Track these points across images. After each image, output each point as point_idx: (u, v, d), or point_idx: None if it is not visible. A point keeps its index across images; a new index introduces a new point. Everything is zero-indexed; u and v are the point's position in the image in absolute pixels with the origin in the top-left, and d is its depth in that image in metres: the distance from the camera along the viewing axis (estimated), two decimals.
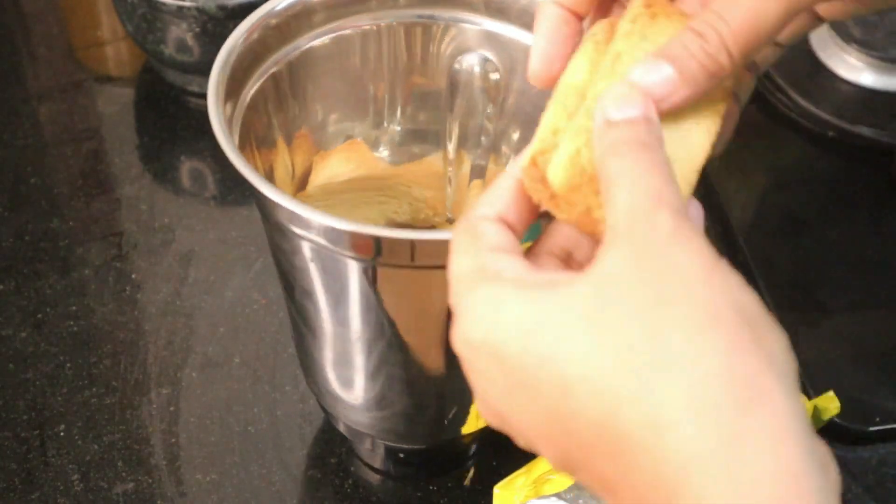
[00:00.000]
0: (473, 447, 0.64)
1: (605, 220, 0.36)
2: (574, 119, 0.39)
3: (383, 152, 0.62)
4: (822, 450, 0.33)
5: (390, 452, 0.63)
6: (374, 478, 0.64)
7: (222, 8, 0.78)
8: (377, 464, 0.64)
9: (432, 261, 0.47)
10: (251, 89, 0.54)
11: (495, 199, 0.40)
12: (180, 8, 0.78)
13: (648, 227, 0.35)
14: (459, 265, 0.38)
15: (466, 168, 0.61)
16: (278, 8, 0.54)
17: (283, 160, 0.58)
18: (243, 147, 0.52)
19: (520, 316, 0.35)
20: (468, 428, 0.59)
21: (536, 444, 0.36)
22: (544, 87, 0.44)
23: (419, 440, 0.61)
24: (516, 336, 0.35)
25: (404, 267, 0.48)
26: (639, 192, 0.36)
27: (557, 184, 0.38)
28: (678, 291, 0.34)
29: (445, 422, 0.58)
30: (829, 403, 0.64)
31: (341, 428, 0.62)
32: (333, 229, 0.46)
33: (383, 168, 0.62)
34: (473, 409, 0.58)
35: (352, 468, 0.65)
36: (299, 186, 0.60)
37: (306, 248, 0.49)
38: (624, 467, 0.33)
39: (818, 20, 0.51)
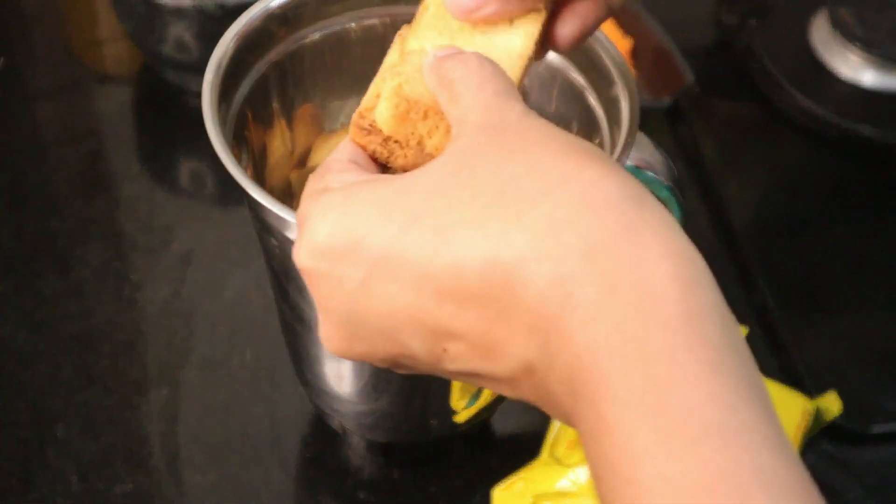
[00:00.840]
0: (470, 447, 0.63)
1: (452, 120, 0.37)
2: (393, 69, 0.42)
3: None
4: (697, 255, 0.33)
5: (389, 453, 0.63)
6: (374, 478, 0.64)
7: (221, 7, 0.78)
8: (376, 465, 0.64)
9: None
10: (255, 74, 0.54)
11: (342, 149, 0.41)
12: (179, 7, 0.78)
13: (499, 112, 0.36)
14: (306, 191, 0.38)
15: None
16: (280, 2, 0.54)
17: (282, 138, 0.58)
18: (240, 132, 0.52)
19: (372, 194, 0.35)
20: (461, 417, 0.59)
21: (402, 338, 0.35)
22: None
23: (410, 435, 0.61)
24: (372, 210, 0.34)
25: None
26: (485, 90, 0.37)
27: (385, 120, 0.40)
28: (542, 138, 0.34)
29: (436, 417, 0.58)
30: (831, 404, 0.64)
31: (335, 425, 0.62)
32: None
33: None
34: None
35: (351, 469, 0.64)
36: (298, 164, 0.60)
37: (280, 236, 0.49)
38: (509, 313, 0.32)
39: None
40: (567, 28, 0.43)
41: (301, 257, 0.36)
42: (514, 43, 0.42)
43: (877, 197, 0.79)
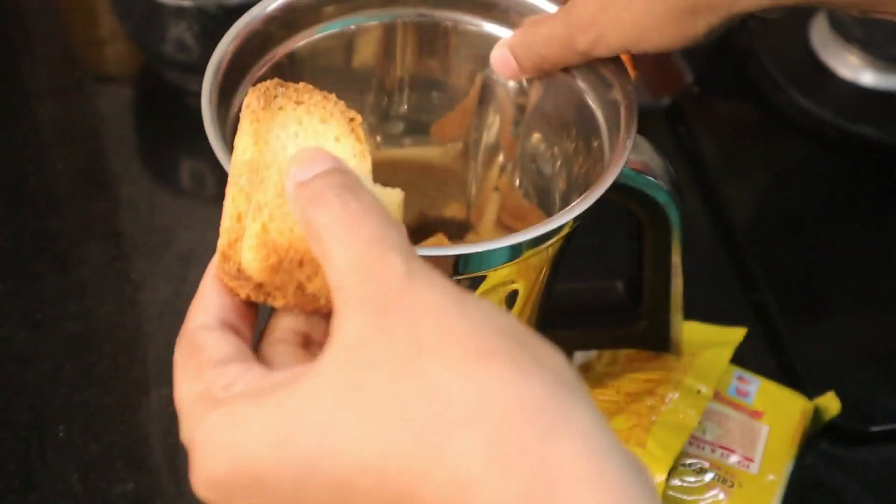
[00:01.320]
0: None
1: (330, 283, 0.32)
2: (252, 198, 0.37)
3: (383, 140, 0.62)
4: (633, 456, 0.30)
5: None
6: None
7: (222, 7, 0.78)
8: None
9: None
10: (254, 76, 0.54)
11: (208, 303, 0.37)
12: (180, 7, 0.78)
13: (378, 278, 0.31)
14: (183, 393, 0.34)
15: (492, 175, 0.60)
16: (271, 8, 0.54)
17: None
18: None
19: (266, 426, 0.31)
20: None
21: None
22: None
23: None
24: (270, 451, 0.31)
25: None
26: (357, 241, 0.32)
27: (254, 271, 0.36)
28: (433, 337, 0.30)
29: None
30: (830, 404, 0.64)
31: None
32: None
33: (386, 156, 0.62)
34: None
35: None
36: None
37: None
38: None
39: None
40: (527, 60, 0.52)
41: (202, 489, 0.33)
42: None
43: (877, 197, 0.79)
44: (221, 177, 0.85)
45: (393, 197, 0.39)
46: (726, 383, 0.64)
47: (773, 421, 0.62)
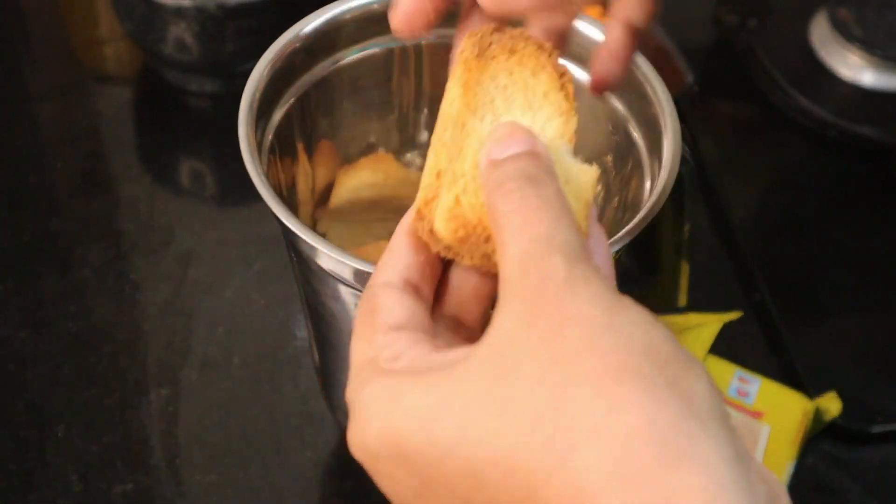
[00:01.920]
0: None
1: (499, 272, 0.33)
2: (452, 163, 0.37)
3: (410, 163, 0.62)
4: (763, 486, 0.30)
5: None
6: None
7: (222, 7, 0.78)
8: None
9: None
10: (281, 109, 0.54)
11: (394, 260, 0.37)
12: (179, 7, 0.78)
13: (539, 278, 0.32)
14: (356, 353, 0.36)
15: None
16: (305, 31, 0.54)
17: (304, 173, 0.58)
18: (270, 167, 0.52)
19: (417, 406, 0.32)
20: None
21: None
22: (403, 37, 0.45)
23: None
24: (417, 428, 0.32)
25: None
26: (527, 237, 0.33)
27: (445, 237, 0.36)
28: (577, 346, 0.30)
29: None
30: (831, 404, 0.64)
31: None
32: (363, 272, 0.45)
33: (414, 180, 0.62)
34: None
35: (351, 468, 0.64)
36: (319, 201, 0.60)
37: (334, 284, 0.49)
38: None
39: None
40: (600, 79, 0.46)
41: (355, 450, 0.35)
42: (581, 175, 0.38)
43: (877, 197, 0.79)
44: (221, 176, 0.85)
45: (588, 175, 0.38)
46: (726, 383, 0.64)
47: (773, 421, 0.62)
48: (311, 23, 0.54)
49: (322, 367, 0.59)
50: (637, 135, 0.54)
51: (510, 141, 0.35)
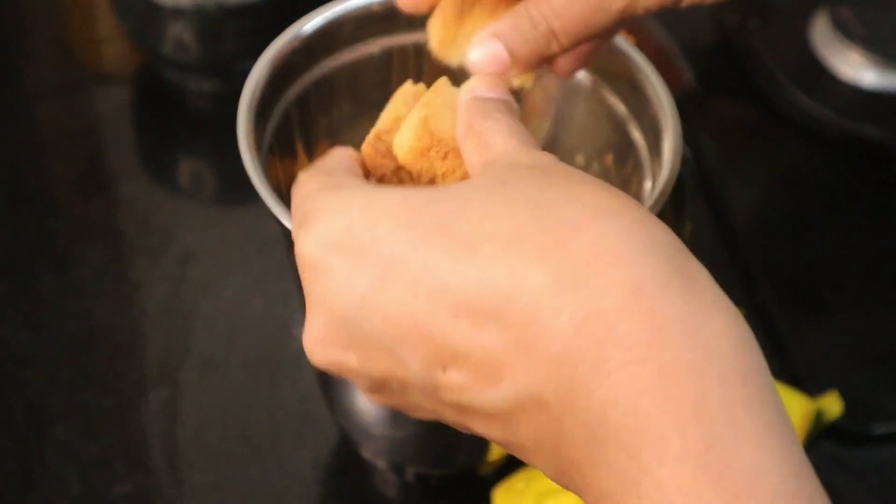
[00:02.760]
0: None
1: (473, 170, 0.37)
2: (421, 99, 0.41)
3: None
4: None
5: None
6: (374, 479, 0.64)
7: (221, 7, 0.78)
8: (377, 465, 0.64)
9: None
10: (280, 109, 0.54)
11: (337, 162, 0.40)
12: (179, 7, 0.78)
13: (531, 155, 0.35)
14: (307, 185, 0.36)
15: None
16: (305, 31, 0.54)
17: (303, 160, 0.58)
18: (269, 167, 0.52)
19: (402, 198, 0.33)
20: (493, 455, 0.59)
21: (403, 346, 0.32)
22: (408, 11, 0.47)
23: (440, 465, 0.61)
24: (400, 212, 0.32)
25: None
26: (514, 138, 0.36)
27: (404, 150, 0.40)
28: (580, 177, 0.33)
29: (467, 449, 0.59)
30: (832, 404, 0.64)
31: (365, 454, 0.62)
32: None
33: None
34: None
35: (351, 469, 0.64)
36: None
37: None
38: (535, 337, 0.29)
39: None
40: (568, 62, 0.46)
41: (308, 246, 0.33)
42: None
43: (877, 197, 0.79)
44: (221, 177, 0.85)
45: None
46: None
47: None
48: (310, 23, 0.54)
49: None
50: (637, 135, 0.54)
51: (496, 88, 0.40)
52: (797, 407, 0.63)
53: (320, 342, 0.34)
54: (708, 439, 0.27)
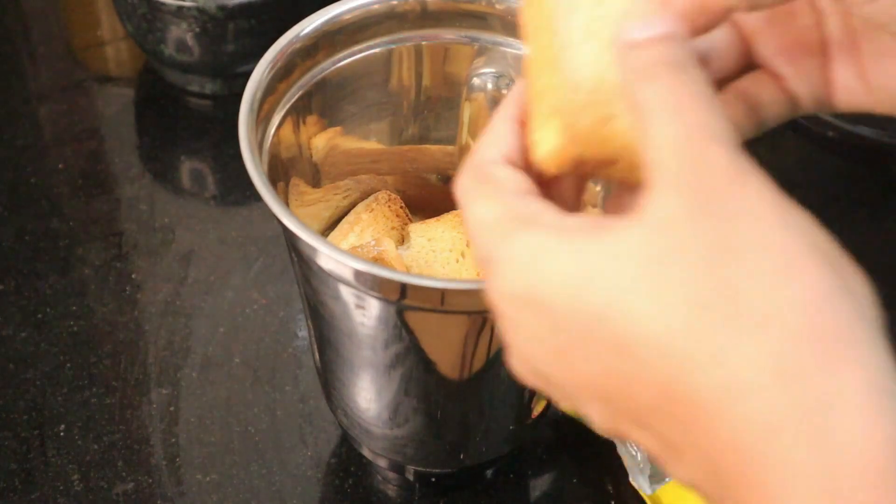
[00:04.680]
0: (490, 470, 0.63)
1: (646, 158, 0.32)
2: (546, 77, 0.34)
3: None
4: None
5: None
6: (374, 478, 0.64)
7: (222, 8, 0.78)
8: (377, 464, 0.64)
9: (459, 306, 0.47)
10: (281, 109, 0.54)
11: (497, 140, 0.36)
12: (180, 8, 0.78)
13: (701, 165, 0.31)
14: (485, 212, 0.34)
15: None
16: (306, 31, 0.54)
17: (302, 159, 0.58)
18: (272, 167, 0.52)
19: (568, 266, 0.31)
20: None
21: (585, 404, 0.33)
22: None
23: (440, 464, 0.61)
24: (566, 290, 0.31)
25: (430, 311, 0.48)
26: (683, 124, 0.31)
27: (549, 168, 0.35)
28: (749, 236, 0.30)
29: (467, 448, 0.59)
30: None
31: (366, 453, 0.62)
32: (363, 272, 0.46)
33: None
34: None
35: (351, 468, 0.64)
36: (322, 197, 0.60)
37: (335, 284, 0.49)
38: (693, 432, 0.29)
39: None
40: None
41: (495, 295, 0.34)
42: None
43: (877, 197, 0.79)
44: (222, 176, 0.85)
45: None
46: None
47: None
48: (311, 23, 0.54)
49: (322, 367, 0.59)
50: None
51: (651, 20, 0.33)
52: None
53: (521, 373, 0.35)
54: None
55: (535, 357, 0.33)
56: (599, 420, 0.33)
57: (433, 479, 0.64)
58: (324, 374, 0.60)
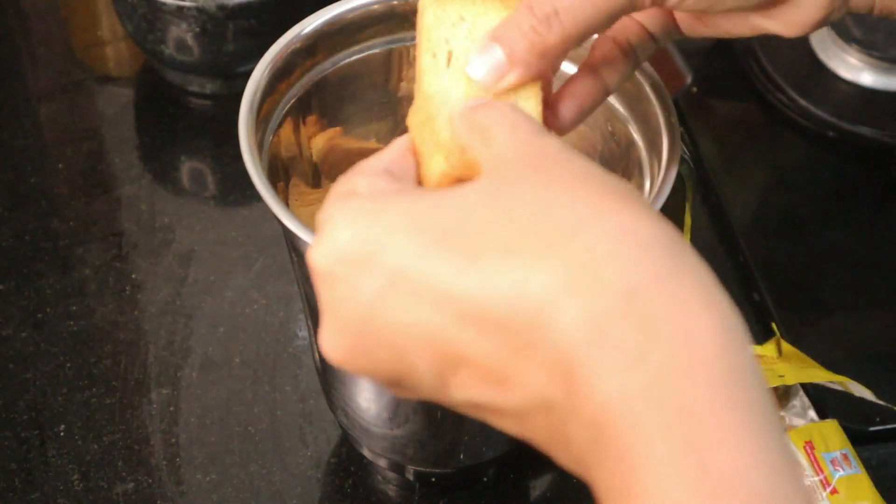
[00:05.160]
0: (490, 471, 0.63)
1: (485, 164, 0.36)
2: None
3: None
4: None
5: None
6: (375, 478, 0.64)
7: (222, 8, 0.78)
8: (377, 464, 0.64)
9: None
10: (281, 109, 0.54)
11: (381, 156, 0.40)
12: (180, 8, 0.78)
13: (538, 145, 0.35)
14: (331, 192, 0.37)
15: None
16: (306, 31, 0.54)
17: (302, 159, 0.58)
18: (272, 167, 0.52)
19: (407, 206, 0.34)
20: None
21: (412, 354, 0.33)
22: None
23: (440, 464, 0.61)
24: (403, 222, 0.33)
25: None
26: (520, 129, 0.36)
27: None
28: (583, 174, 0.33)
29: (467, 448, 0.59)
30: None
31: (366, 453, 0.62)
32: None
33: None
34: None
35: (351, 468, 0.64)
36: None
37: None
38: (537, 343, 0.30)
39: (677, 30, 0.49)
40: (567, 110, 0.45)
41: (317, 257, 0.34)
42: (528, 106, 0.41)
43: (876, 197, 0.79)
44: (222, 176, 0.85)
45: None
46: None
47: None
48: (311, 23, 0.54)
49: (322, 367, 0.59)
50: (637, 135, 0.54)
51: (482, 100, 0.40)
52: None
53: (334, 348, 0.35)
54: (689, 441, 0.28)
55: (354, 314, 0.34)
56: (426, 374, 0.33)
57: (433, 480, 0.64)
58: (324, 373, 0.60)
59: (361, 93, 0.58)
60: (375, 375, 0.35)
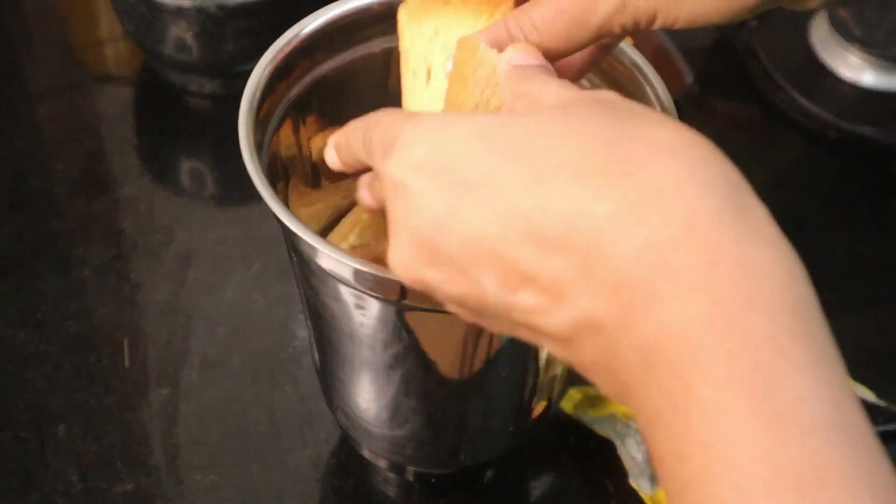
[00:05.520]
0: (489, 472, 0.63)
1: (546, 95, 0.37)
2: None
3: None
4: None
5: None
6: (374, 479, 0.64)
7: (222, 8, 0.78)
8: (377, 464, 0.64)
9: None
10: (281, 109, 0.54)
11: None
12: (180, 7, 0.78)
13: (596, 93, 0.36)
14: (383, 121, 0.38)
15: None
16: (306, 31, 0.54)
17: (302, 159, 0.58)
18: (271, 167, 0.52)
19: (478, 124, 0.35)
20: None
21: (478, 267, 0.34)
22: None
23: (440, 465, 0.61)
24: (475, 138, 0.34)
25: (430, 311, 0.48)
26: (568, 86, 0.37)
27: None
28: (651, 113, 0.34)
29: (467, 449, 0.59)
30: None
31: (366, 453, 0.62)
32: (363, 272, 0.45)
33: None
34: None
35: (351, 469, 0.64)
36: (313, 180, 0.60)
37: (335, 284, 0.49)
38: (597, 265, 0.31)
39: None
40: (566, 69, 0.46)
41: (391, 168, 0.35)
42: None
43: (877, 197, 0.79)
44: (221, 176, 0.85)
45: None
46: None
47: None
48: (311, 23, 0.54)
49: (322, 367, 0.59)
50: None
51: (533, 56, 0.41)
52: None
53: (404, 260, 0.36)
54: (753, 365, 0.28)
55: (427, 226, 0.34)
56: (490, 290, 0.34)
57: (433, 480, 0.64)
58: (323, 374, 0.60)
59: (361, 93, 0.58)
60: (442, 291, 0.36)
